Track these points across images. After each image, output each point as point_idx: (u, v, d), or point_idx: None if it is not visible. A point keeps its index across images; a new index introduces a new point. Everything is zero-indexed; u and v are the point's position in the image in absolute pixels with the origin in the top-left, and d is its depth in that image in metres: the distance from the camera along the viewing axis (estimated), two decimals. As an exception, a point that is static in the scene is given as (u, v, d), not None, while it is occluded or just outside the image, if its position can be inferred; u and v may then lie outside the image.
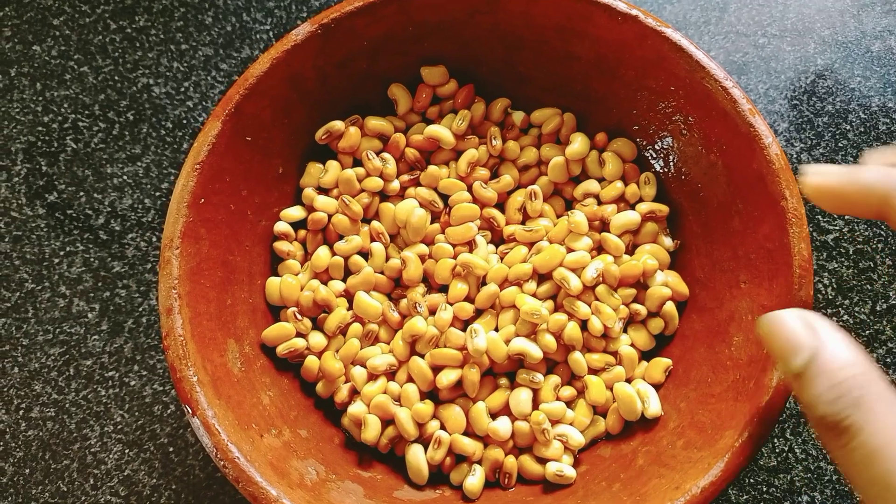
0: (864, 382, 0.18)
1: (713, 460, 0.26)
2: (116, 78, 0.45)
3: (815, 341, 0.19)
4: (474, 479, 0.30)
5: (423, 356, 0.32)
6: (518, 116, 0.36)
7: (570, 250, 0.33)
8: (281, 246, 0.34)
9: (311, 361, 0.32)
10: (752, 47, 0.46)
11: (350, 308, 0.33)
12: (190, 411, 0.27)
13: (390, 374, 0.32)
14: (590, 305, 0.32)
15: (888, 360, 0.39)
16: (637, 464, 0.30)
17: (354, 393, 0.32)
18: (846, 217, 0.41)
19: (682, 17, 0.47)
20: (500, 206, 0.35)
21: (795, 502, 0.37)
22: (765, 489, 0.37)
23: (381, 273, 0.34)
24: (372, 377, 0.32)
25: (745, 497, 0.37)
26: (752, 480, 0.37)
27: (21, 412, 0.38)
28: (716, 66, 0.31)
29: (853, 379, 0.18)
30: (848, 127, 0.43)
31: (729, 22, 0.46)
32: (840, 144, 0.43)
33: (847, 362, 0.19)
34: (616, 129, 0.36)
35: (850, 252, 0.41)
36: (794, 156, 0.43)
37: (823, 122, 0.43)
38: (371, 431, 0.31)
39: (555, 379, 0.32)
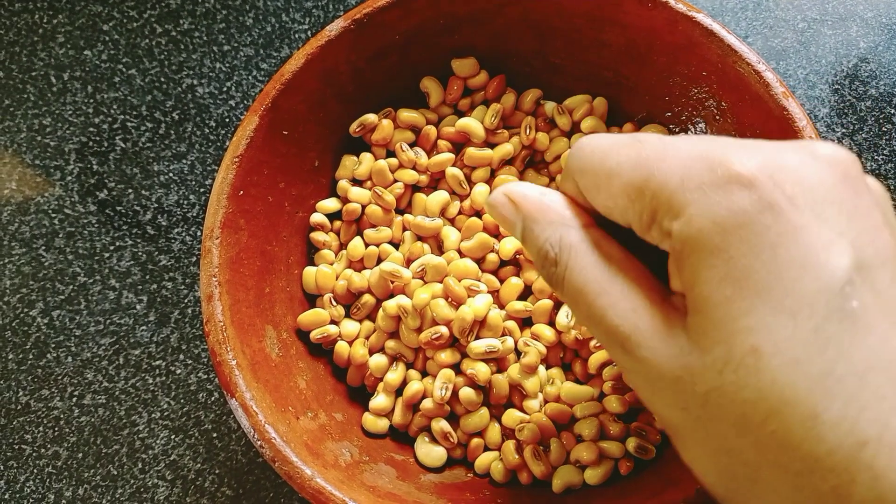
0: (559, 241, 0.21)
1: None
2: (162, 79, 0.46)
3: (517, 215, 0.22)
4: (499, 465, 0.31)
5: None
6: (550, 106, 0.36)
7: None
8: (317, 236, 0.35)
9: (342, 347, 0.33)
10: (792, 32, 0.45)
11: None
12: (229, 394, 0.28)
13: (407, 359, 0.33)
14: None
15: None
16: (668, 446, 0.29)
17: (378, 380, 0.33)
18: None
19: (719, 3, 0.46)
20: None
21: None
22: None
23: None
24: (390, 364, 0.33)
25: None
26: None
27: (74, 399, 0.40)
28: (748, 50, 0.31)
29: (552, 238, 0.21)
30: (893, 111, 0.42)
31: (767, 7, 0.46)
32: (884, 129, 0.42)
33: (547, 222, 0.21)
34: (648, 117, 0.36)
35: None
36: (836, 141, 0.42)
37: (866, 106, 0.42)
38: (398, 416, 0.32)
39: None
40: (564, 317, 0.32)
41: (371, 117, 0.35)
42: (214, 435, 0.39)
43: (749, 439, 0.16)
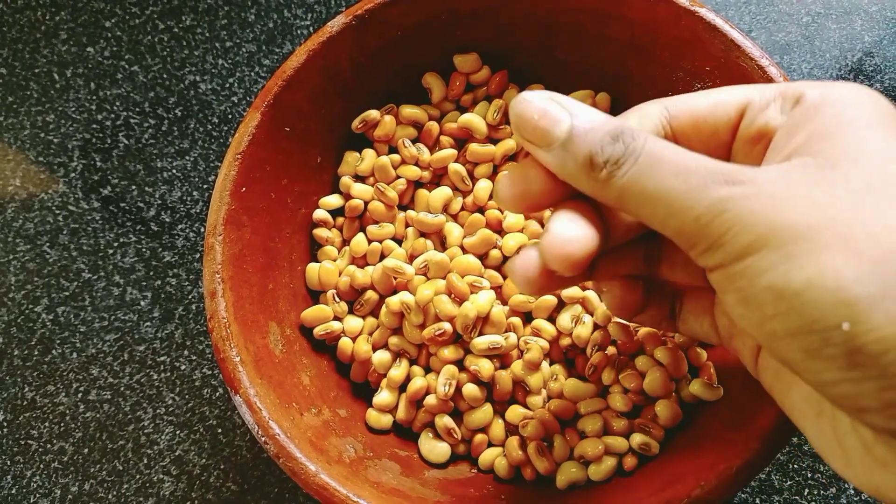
0: (623, 127, 0.19)
1: (749, 441, 0.26)
2: (165, 76, 0.46)
3: (566, 112, 0.20)
4: (503, 461, 0.31)
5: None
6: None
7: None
8: (320, 233, 0.35)
9: (345, 343, 0.33)
10: (796, 26, 0.45)
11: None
12: (233, 390, 0.28)
13: (411, 356, 0.33)
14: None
15: None
16: (672, 443, 0.29)
17: (381, 376, 0.33)
18: None
19: (723, -2, 0.46)
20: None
21: (841, 489, 0.36)
22: (809, 475, 0.36)
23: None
24: (394, 360, 0.33)
25: (788, 483, 0.36)
26: (796, 466, 0.36)
27: (80, 395, 0.40)
28: (751, 45, 0.31)
29: (615, 127, 0.20)
30: (897, 105, 0.42)
31: (771, 1, 0.45)
32: (889, 123, 0.42)
33: (603, 119, 0.20)
34: (651, 112, 0.35)
35: None
36: (841, 136, 0.42)
37: (871, 100, 0.42)
38: (401, 412, 0.32)
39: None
40: (568, 320, 0.32)
41: (373, 113, 0.35)
42: (219, 430, 0.39)
43: None
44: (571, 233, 0.21)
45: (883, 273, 0.16)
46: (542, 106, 0.21)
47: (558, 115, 0.20)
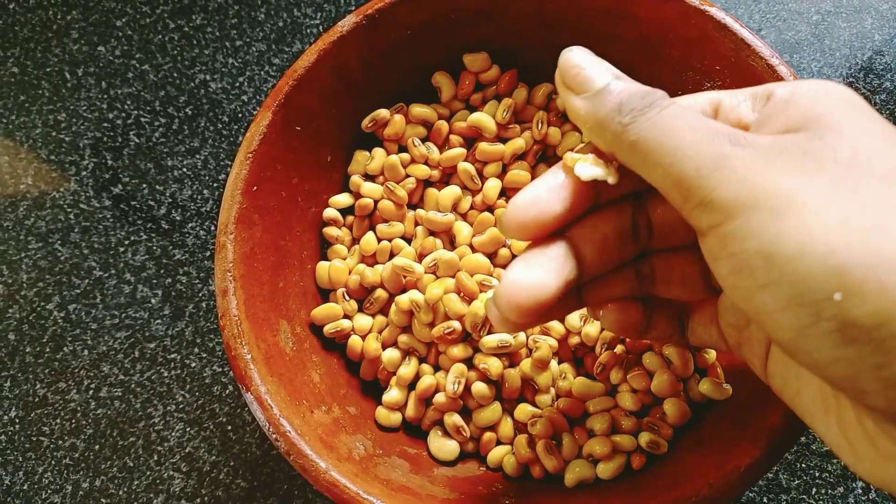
0: (655, 91, 0.21)
1: (757, 440, 0.26)
2: (175, 75, 0.47)
3: (610, 73, 0.22)
4: (511, 458, 0.31)
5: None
6: (562, 101, 0.36)
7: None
8: (330, 231, 0.35)
9: (355, 341, 0.33)
10: (806, 25, 0.45)
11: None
12: (244, 387, 0.28)
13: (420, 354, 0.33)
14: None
15: None
16: (680, 442, 0.29)
17: (391, 374, 0.33)
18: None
19: (732, -4, 0.46)
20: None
21: (849, 488, 0.36)
22: (817, 474, 0.36)
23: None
24: (403, 358, 0.33)
25: (796, 482, 0.36)
26: (803, 465, 0.36)
27: (91, 392, 0.40)
28: (762, 44, 0.31)
29: (647, 91, 0.21)
30: (908, 104, 0.42)
31: (781, 0, 0.45)
32: (899, 122, 0.42)
33: (640, 85, 0.21)
34: (660, 111, 0.36)
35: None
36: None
37: (881, 99, 0.42)
38: (411, 409, 0.32)
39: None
40: (577, 319, 0.32)
41: (383, 112, 0.36)
42: (229, 427, 0.39)
43: None
44: (526, 279, 0.22)
45: (874, 241, 0.16)
46: (591, 60, 0.22)
47: (602, 71, 0.22)
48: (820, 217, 0.16)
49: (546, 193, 0.23)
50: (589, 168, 0.22)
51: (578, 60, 0.22)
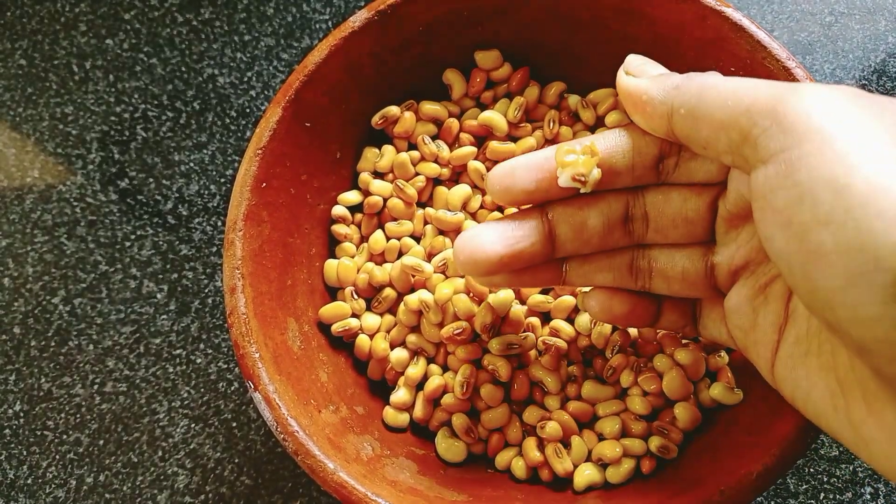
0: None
1: (769, 447, 0.26)
2: (183, 69, 0.46)
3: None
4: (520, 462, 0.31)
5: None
6: (573, 100, 0.36)
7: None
8: (338, 229, 0.35)
9: (363, 340, 0.33)
10: (819, 26, 0.44)
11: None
12: (252, 386, 0.28)
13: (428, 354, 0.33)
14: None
15: None
16: (690, 447, 0.29)
17: (399, 374, 0.33)
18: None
19: (745, -4, 0.45)
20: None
21: (858, 493, 0.36)
22: (825, 479, 0.36)
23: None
24: (411, 358, 0.33)
25: (804, 487, 0.36)
26: (812, 470, 0.36)
27: (96, 387, 0.40)
28: (778, 46, 0.30)
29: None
30: (922, 108, 0.41)
31: (794, 0, 0.45)
32: (913, 126, 0.41)
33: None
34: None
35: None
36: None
37: (895, 102, 0.42)
38: (418, 410, 0.32)
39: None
40: (587, 321, 0.32)
41: (393, 109, 0.35)
42: (234, 424, 0.39)
43: None
44: (477, 239, 0.25)
45: None
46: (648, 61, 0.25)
47: (660, 69, 0.25)
48: None
49: (524, 171, 0.25)
50: (566, 180, 0.24)
51: (640, 60, 0.25)
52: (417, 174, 0.35)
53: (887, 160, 0.15)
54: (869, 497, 0.36)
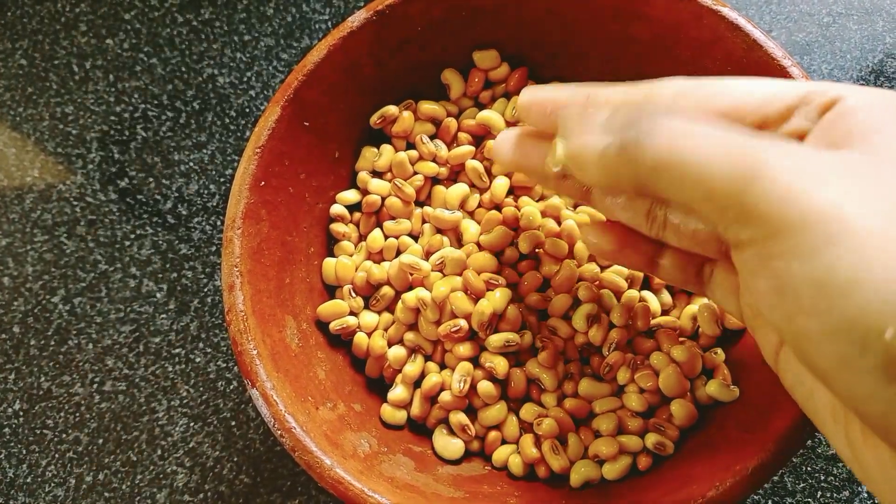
0: (636, 108, 0.20)
1: (765, 443, 0.26)
2: (183, 69, 0.47)
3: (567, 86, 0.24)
4: (517, 458, 0.31)
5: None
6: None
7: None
8: (337, 228, 0.35)
9: (360, 338, 0.33)
10: (817, 27, 0.44)
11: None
12: (250, 383, 0.28)
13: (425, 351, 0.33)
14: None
15: None
16: (686, 443, 0.29)
17: (396, 372, 0.33)
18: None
19: (743, -3, 0.46)
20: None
21: (855, 492, 0.36)
22: (822, 478, 0.36)
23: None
24: (409, 356, 0.33)
25: (801, 485, 0.36)
26: (809, 468, 0.36)
27: (95, 386, 0.40)
28: (774, 45, 0.30)
29: (624, 106, 0.20)
30: (918, 108, 0.42)
31: (792, 1, 0.45)
32: (910, 126, 0.41)
33: (610, 95, 0.22)
34: (670, 111, 0.35)
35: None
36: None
37: (892, 102, 0.42)
38: (416, 408, 0.32)
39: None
40: (584, 319, 0.32)
41: (392, 109, 0.35)
42: (233, 423, 0.39)
43: None
44: (506, 134, 0.28)
45: None
46: (543, 88, 0.25)
47: (562, 87, 0.25)
48: (878, 245, 0.15)
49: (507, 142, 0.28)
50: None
51: (531, 95, 0.25)
52: (416, 173, 0.35)
53: (869, 248, 0.15)
54: (866, 496, 0.36)
